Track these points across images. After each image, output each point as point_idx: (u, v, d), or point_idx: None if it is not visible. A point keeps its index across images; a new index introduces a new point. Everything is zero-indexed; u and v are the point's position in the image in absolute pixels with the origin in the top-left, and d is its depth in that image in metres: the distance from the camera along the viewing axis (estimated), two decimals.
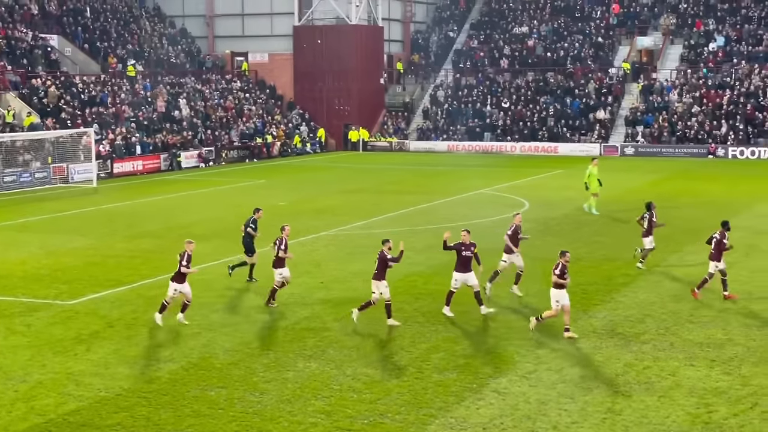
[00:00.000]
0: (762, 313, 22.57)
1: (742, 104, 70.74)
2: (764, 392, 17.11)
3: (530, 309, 23.19)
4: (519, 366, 18.91)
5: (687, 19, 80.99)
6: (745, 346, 19.94)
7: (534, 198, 44.41)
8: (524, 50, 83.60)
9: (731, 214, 38.01)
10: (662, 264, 28.71)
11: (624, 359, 19.19)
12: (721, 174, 56.24)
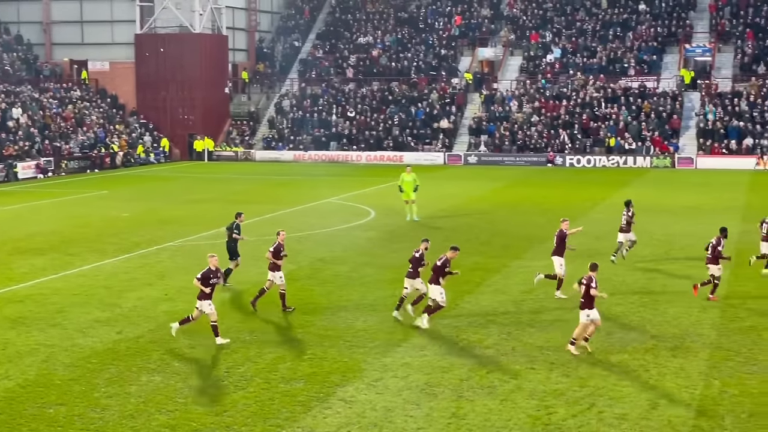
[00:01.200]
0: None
1: (578, 114, 73.14)
2: (600, 393, 17.69)
3: (376, 317, 23.36)
4: (366, 374, 19.01)
5: (525, 32, 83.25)
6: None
7: (380, 206, 44.79)
8: (369, 60, 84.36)
9: (570, 220, 39.21)
10: (503, 270, 29.37)
11: (468, 364, 19.53)
12: (559, 181, 57.99)
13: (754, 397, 17.38)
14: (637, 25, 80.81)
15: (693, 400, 17.30)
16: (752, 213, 40.26)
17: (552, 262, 25.70)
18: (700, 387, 18.00)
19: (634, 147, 69.63)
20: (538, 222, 39.44)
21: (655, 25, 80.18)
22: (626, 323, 22.75)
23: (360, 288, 26.96)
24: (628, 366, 19.29)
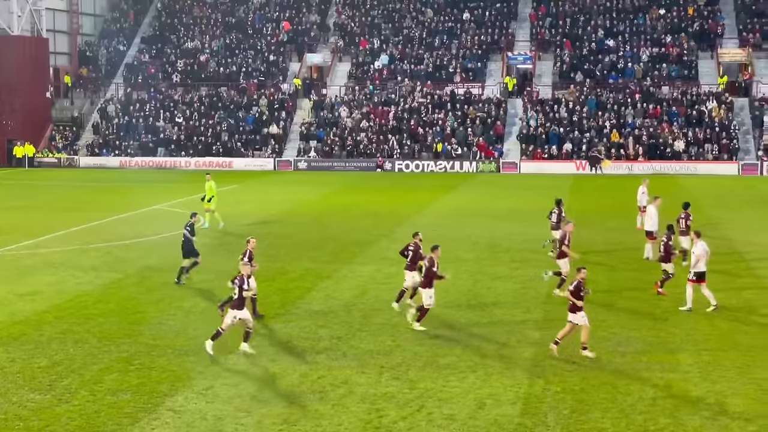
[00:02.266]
0: (427, 319, 23.65)
1: (406, 120, 74.23)
2: (430, 395, 17.97)
3: (208, 324, 23.07)
4: (196, 382, 18.74)
5: (354, 38, 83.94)
6: (413, 351, 20.85)
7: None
8: (196, 65, 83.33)
9: (397, 224, 39.80)
10: (334, 275, 29.48)
11: (299, 370, 19.51)
12: (388, 186, 58.69)
13: (575, 394, 17.99)
14: (462, 33, 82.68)
15: (518, 398, 17.78)
16: (570, 215, 41.70)
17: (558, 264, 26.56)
18: (524, 385, 18.51)
19: (461, 152, 71.16)
20: (368, 227, 39.78)
21: (479, 33, 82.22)
22: (453, 325, 23.17)
23: (190, 295, 26.57)
24: (456, 367, 19.66)
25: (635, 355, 20.50)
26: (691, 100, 72.71)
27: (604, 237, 36.91)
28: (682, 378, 18.91)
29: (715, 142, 68.88)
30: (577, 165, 68.42)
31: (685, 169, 67.00)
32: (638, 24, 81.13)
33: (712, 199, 49.92)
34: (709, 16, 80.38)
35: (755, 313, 24.40)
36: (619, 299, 26.02)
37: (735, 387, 18.31)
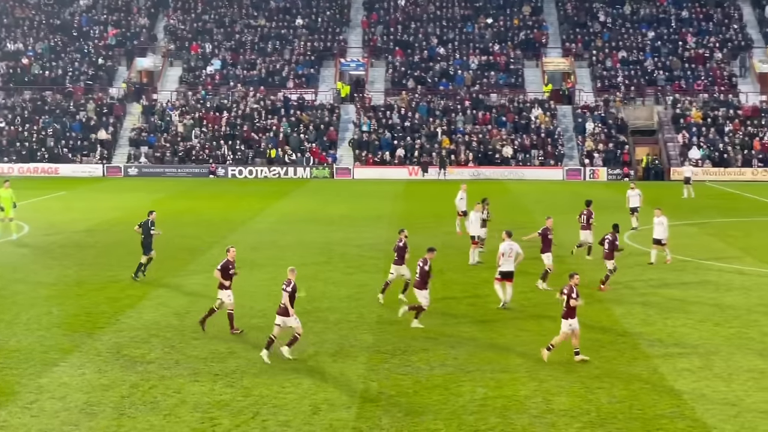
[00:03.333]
0: (261, 325, 23.51)
1: (239, 126, 73.65)
2: (264, 402, 17.86)
3: (31, 336, 22.25)
4: (20, 396, 18.07)
5: (185, 42, 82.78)
6: (246, 359, 20.68)
7: (36, 221, 42.64)
8: (19, 68, 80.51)
9: (230, 231, 39.46)
10: (166, 283, 28.96)
11: (130, 380, 19.06)
12: (221, 193, 58.07)
13: (408, 396, 18.21)
14: (295, 39, 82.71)
15: (353, 402, 17.87)
16: (402, 221, 42.29)
17: (542, 258, 28.09)
18: (359, 390, 18.62)
19: (294, 158, 71.12)
20: (200, 234, 39.27)
21: (312, 39, 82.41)
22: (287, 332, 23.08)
23: (12, 306, 25.59)
24: (291, 373, 19.60)
25: (467, 356, 20.90)
26: (518, 107, 74.83)
27: (437, 242, 37.45)
28: (512, 377, 19.40)
29: (541, 148, 71.05)
30: (410, 170, 69.36)
31: (513, 175, 68.85)
32: (467, 32, 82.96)
33: (538, 204, 51.45)
34: (534, 26, 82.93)
35: (579, 313, 25.20)
36: (452, 302, 26.49)
37: (561, 385, 18.90)
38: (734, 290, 28.29)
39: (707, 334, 23.00)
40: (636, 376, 19.47)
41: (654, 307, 25.90)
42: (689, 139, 70.69)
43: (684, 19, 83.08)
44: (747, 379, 19.24)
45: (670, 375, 19.57)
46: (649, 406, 17.68)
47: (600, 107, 74.49)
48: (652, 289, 28.35)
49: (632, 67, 78.40)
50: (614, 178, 67.89)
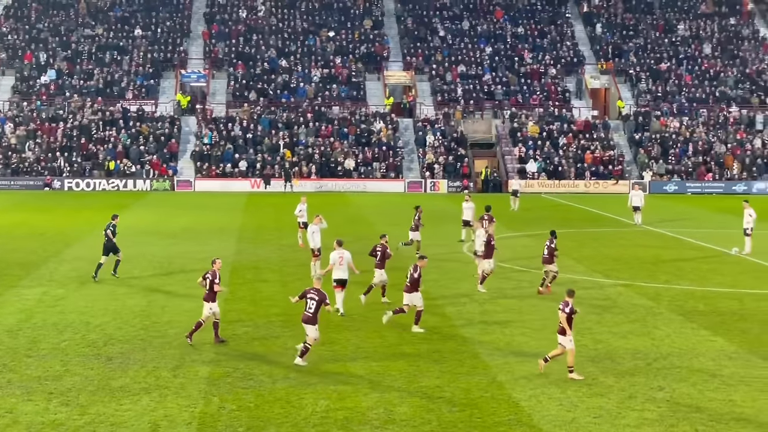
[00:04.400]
0: (98, 341, 22.94)
1: (76, 137, 71.69)
2: (101, 420, 17.37)
3: None
4: None
5: (18, 51, 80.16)
6: (84, 376, 20.09)
7: None
8: None
9: (66, 245, 38.37)
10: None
11: None
12: (57, 206, 56.36)
13: (250, 411, 18.04)
14: (134, 49, 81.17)
15: (193, 418, 17.57)
16: (245, 233, 42.03)
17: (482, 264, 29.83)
18: (200, 405, 18.33)
19: (134, 170, 69.71)
20: (34, 248, 38.03)
21: (152, 50, 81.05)
22: (126, 344, 22.57)
23: None
24: (130, 390, 19.14)
25: (310, 368, 20.85)
26: (360, 120, 75.39)
27: (279, 254, 37.38)
28: (354, 389, 19.46)
29: (382, 160, 71.74)
30: (252, 183, 68.94)
31: (355, 187, 69.29)
32: (309, 45, 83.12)
33: (379, 216, 51.93)
34: (376, 40, 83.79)
35: (410, 321, 25.53)
36: (296, 315, 26.38)
37: (402, 396, 19.07)
38: None
39: (544, 342, 23.58)
40: (476, 385, 19.82)
41: (493, 317, 26.44)
42: (526, 152, 72.67)
43: (520, 35, 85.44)
44: (581, 386, 19.82)
45: (509, 383, 20.00)
46: (488, 414, 18.02)
47: (440, 120, 75.79)
48: (492, 298, 28.94)
49: (471, 82, 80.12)
50: (454, 190, 69.14)
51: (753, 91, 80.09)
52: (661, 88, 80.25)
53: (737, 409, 18.42)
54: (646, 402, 18.77)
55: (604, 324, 25.70)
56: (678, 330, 24.99)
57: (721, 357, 22.29)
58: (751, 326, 25.62)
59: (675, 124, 75.75)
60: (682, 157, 72.75)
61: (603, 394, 19.29)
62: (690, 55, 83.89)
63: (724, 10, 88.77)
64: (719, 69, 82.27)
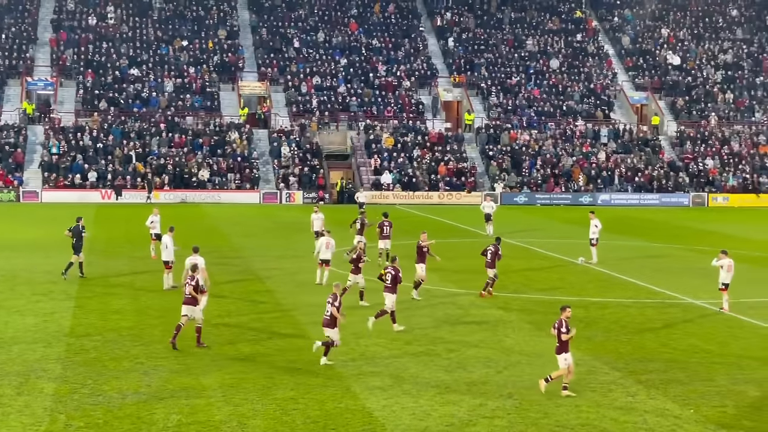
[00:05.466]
0: None
1: None
2: None
3: None
4: None
5: None
6: None
7: None
8: None
9: None
10: None
11: None
12: None
13: (99, 428, 17.59)
14: None
15: None
16: (95, 245, 41.04)
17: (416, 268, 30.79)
18: (45, 423, 17.78)
19: None
20: None
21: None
22: None
23: None
24: None
25: (161, 383, 20.49)
26: (215, 131, 74.61)
27: (130, 266, 36.64)
28: (207, 402, 19.21)
29: (237, 171, 71.16)
30: (103, 194, 67.34)
31: (210, 198, 68.47)
32: (162, 54, 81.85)
33: (235, 227, 51.50)
34: (230, 50, 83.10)
35: (276, 335, 25.41)
36: (147, 328, 25.91)
37: (257, 408, 18.92)
38: (422, 309, 29.49)
39: (398, 352, 23.82)
40: (330, 396, 19.83)
41: (347, 328, 26.47)
42: (381, 163, 73.24)
43: (374, 48, 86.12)
44: (434, 395, 20.07)
45: (363, 393, 20.09)
46: (342, 425, 18.05)
47: (295, 132, 75.67)
48: (345, 309, 28.96)
49: (326, 93, 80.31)
50: (310, 201, 69.04)
51: (597, 106, 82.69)
52: (511, 101, 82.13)
53: (583, 414, 18.96)
54: (497, 409, 19.14)
55: (456, 333, 26.10)
56: (527, 338, 25.58)
57: None
58: (595, 333, 26.42)
59: (525, 137, 77.62)
60: (532, 170, 74.60)
61: (455, 402, 19.57)
62: (538, 70, 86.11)
63: (570, 27, 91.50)
64: (566, 84, 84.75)
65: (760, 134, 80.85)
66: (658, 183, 74.40)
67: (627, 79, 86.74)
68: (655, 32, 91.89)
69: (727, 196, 74.10)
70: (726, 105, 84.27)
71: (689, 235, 52.09)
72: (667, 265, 40.42)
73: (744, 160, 77.51)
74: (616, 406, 19.45)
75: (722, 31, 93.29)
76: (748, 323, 27.95)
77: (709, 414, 19.08)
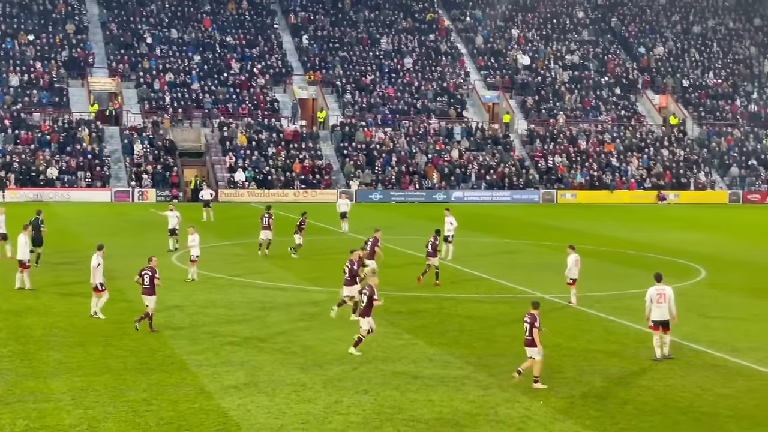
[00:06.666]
0: None
1: None
2: None
3: None
4: None
5: None
6: None
7: None
8: None
9: None
10: None
11: None
12: None
13: None
14: None
15: None
16: None
17: None
18: None
19: None
20: None
21: None
22: None
23: None
24: None
25: (6, 387, 19.88)
26: (64, 128, 72.63)
27: None
28: (55, 406, 18.71)
29: (87, 169, 69.46)
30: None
31: (59, 197, 66.64)
32: (7, 49, 79.19)
33: (87, 226, 50.31)
34: (79, 45, 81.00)
35: (127, 335, 24.93)
36: (18, 328, 25.09)
37: (108, 411, 18.53)
38: (278, 307, 29.42)
39: (253, 351, 23.69)
40: (184, 397, 19.58)
41: (201, 327, 26.23)
42: (236, 161, 72.65)
43: (228, 45, 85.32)
44: (289, 393, 20.04)
45: (217, 393, 19.90)
46: (196, 426, 17.85)
47: (148, 129, 74.36)
48: (201, 308, 28.70)
49: (180, 90, 79.14)
50: (163, 199, 67.99)
51: (451, 104, 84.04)
52: (366, 100, 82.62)
53: (436, 408, 19.25)
54: (352, 406, 19.25)
55: (312, 331, 26.13)
56: (382, 334, 25.77)
57: (422, 359, 23.21)
58: (449, 329, 26.85)
59: (380, 134, 78.26)
60: (386, 167, 75.23)
61: (311, 400, 19.59)
62: (393, 68, 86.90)
63: (423, 27, 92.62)
64: (420, 82, 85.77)
65: (605, 133, 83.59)
66: (510, 180, 76.12)
67: (479, 78, 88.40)
68: (505, 33, 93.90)
69: (575, 193, 76.43)
70: (573, 104, 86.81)
71: (539, 231, 53.47)
72: (518, 260, 41.38)
73: (591, 158, 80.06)
74: (468, 400, 19.80)
75: (569, 32, 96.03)
76: (595, 316, 28.87)
77: (558, 404, 19.64)
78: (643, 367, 22.74)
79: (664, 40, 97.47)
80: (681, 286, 33.29)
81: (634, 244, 47.16)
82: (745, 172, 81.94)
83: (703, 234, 53.39)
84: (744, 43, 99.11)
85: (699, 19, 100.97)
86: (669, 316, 23.32)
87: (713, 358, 23.90)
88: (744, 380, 21.81)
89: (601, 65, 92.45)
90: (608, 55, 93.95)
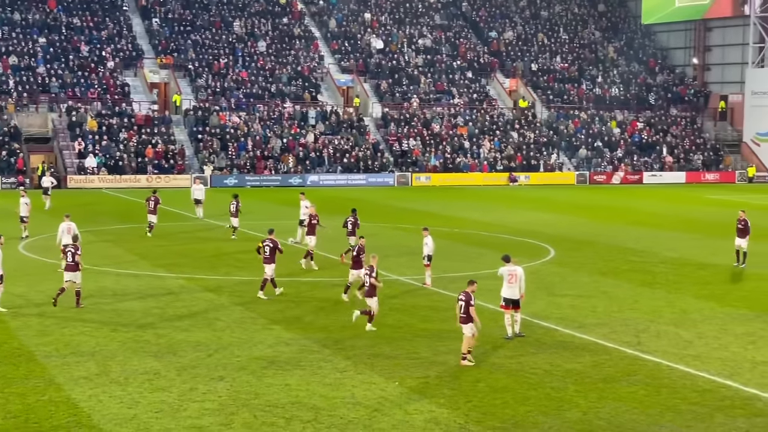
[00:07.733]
0: None
1: None
2: None
3: None
4: None
5: None
6: None
7: None
8: None
9: None
10: None
11: None
12: None
13: None
14: None
15: None
16: None
17: None
18: None
19: None
20: None
21: None
22: None
23: None
24: None
25: None
26: None
27: None
28: None
29: None
30: None
31: None
32: None
33: None
34: None
35: None
36: None
37: None
38: (130, 294, 28.88)
39: (104, 340, 23.19)
40: (32, 389, 19.04)
41: (51, 318, 25.54)
42: (85, 147, 70.82)
43: (75, 27, 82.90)
44: (143, 381, 19.70)
45: (67, 384, 19.42)
46: (45, 419, 17.38)
47: None
48: (50, 297, 27.84)
49: (24, 74, 76.56)
50: (9, 186, 65.75)
51: (305, 88, 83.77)
52: (219, 83, 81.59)
53: (293, 392, 19.23)
54: (207, 393, 19.06)
55: (166, 318, 25.75)
56: (238, 320, 25.61)
57: (279, 344, 23.15)
58: (304, 313, 26.85)
59: (234, 119, 77.46)
60: (241, 152, 74.59)
61: (165, 388, 19.31)
62: (246, 52, 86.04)
63: (276, 10, 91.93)
64: (274, 66, 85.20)
65: (458, 116, 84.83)
66: (365, 164, 76.51)
67: (333, 62, 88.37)
68: (359, 16, 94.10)
69: (429, 176, 77.38)
70: (426, 88, 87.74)
71: (395, 213, 53.94)
72: (374, 243, 41.45)
73: (444, 141, 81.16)
74: (325, 383, 19.85)
75: (422, 16, 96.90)
76: (449, 296, 29.32)
77: (413, 385, 19.89)
78: (495, 346, 23.23)
79: (513, 25, 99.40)
80: (531, 265, 34.15)
81: (487, 225, 48.08)
82: (591, 154, 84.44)
83: (553, 214, 54.80)
84: (589, 28, 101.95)
85: (546, 4, 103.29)
86: (519, 294, 23.89)
87: (562, 335, 24.60)
88: (590, 355, 22.53)
89: (453, 49, 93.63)
90: (460, 39, 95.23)
